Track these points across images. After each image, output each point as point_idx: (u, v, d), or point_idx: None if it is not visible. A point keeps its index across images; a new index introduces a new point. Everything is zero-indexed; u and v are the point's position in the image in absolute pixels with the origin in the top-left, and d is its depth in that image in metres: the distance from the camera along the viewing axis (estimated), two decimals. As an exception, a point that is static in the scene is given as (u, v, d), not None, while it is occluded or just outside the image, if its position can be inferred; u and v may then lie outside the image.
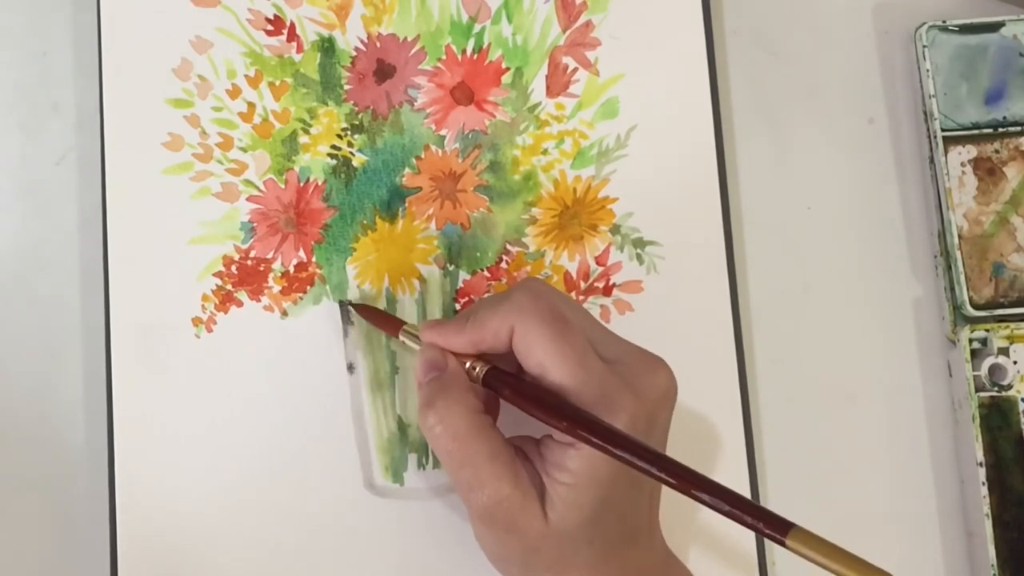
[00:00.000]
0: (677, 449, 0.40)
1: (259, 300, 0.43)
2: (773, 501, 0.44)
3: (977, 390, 0.43)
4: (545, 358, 0.35)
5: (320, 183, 0.44)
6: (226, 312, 0.43)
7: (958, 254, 0.44)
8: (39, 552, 0.43)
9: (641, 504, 0.37)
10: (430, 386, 0.36)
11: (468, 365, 0.37)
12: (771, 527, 0.29)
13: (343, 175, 0.44)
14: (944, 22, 0.46)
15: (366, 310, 0.42)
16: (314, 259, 0.44)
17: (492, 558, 0.38)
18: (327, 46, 0.45)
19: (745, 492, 0.42)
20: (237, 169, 0.44)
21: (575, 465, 0.34)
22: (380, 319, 0.42)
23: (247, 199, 0.44)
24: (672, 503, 0.38)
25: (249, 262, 0.44)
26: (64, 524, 0.43)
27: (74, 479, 0.43)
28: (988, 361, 0.44)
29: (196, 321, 0.43)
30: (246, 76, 0.44)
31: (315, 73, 0.45)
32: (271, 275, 0.44)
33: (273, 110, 0.44)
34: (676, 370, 0.43)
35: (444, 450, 0.35)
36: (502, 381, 0.36)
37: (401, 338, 0.40)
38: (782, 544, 0.28)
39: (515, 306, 0.36)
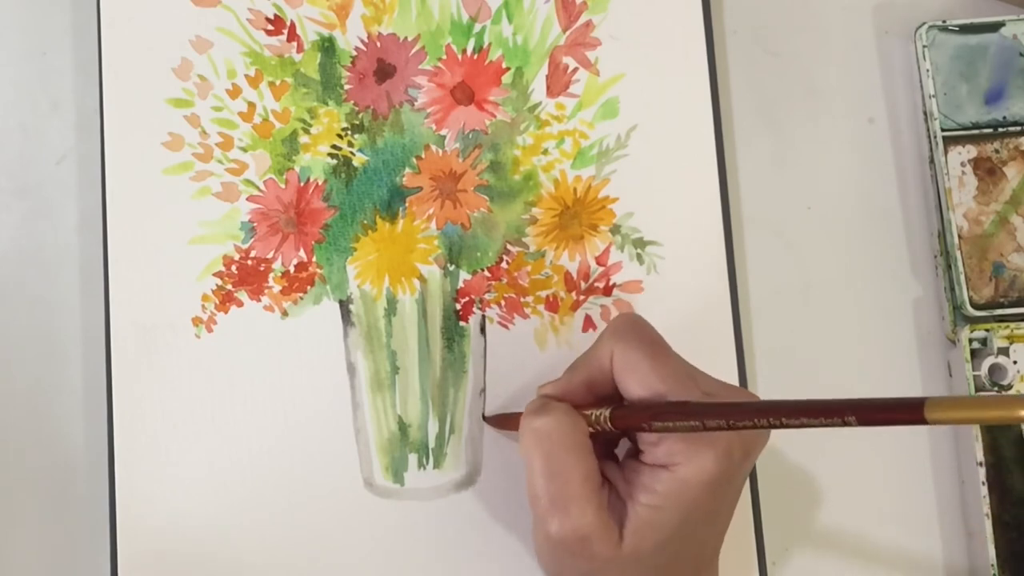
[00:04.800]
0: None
1: (259, 300, 0.43)
2: (774, 501, 0.44)
3: (977, 390, 0.43)
4: (647, 380, 0.35)
5: (320, 183, 0.44)
6: (226, 312, 0.43)
7: (958, 254, 0.44)
8: (39, 552, 0.43)
9: (711, 537, 0.37)
10: (544, 399, 0.36)
11: (593, 417, 0.36)
12: (905, 413, 0.27)
13: (343, 175, 0.44)
14: (944, 22, 0.46)
15: (499, 420, 0.42)
16: (314, 259, 0.44)
17: (547, 571, 0.38)
18: (327, 46, 0.45)
19: (744, 491, 0.42)
20: (237, 169, 0.44)
21: (663, 487, 0.34)
22: (512, 422, 0.41)
23: (247, 199, 0.44)
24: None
25: (249, 262, 0.44)
26: (64, 524, 0.43)
27: (74, 479, 0.43)
28: (988, 361, 0.44)
29: (196, 321, 0.43)
30: (246, 76, 0.44)
31: (315, 73, 0.45)
32: (271, 275, 0.43)
33: (273, 110, 0.44)
34: (676, 370, 0.43)
35: (544, 453, 0.35)
36: (631, 411, 0.35)
37: None
38: (923, 422, 0.27)
39: (613, 332, 0.36)
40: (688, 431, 0.33)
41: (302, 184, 0.44)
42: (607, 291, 0.44)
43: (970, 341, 0.43)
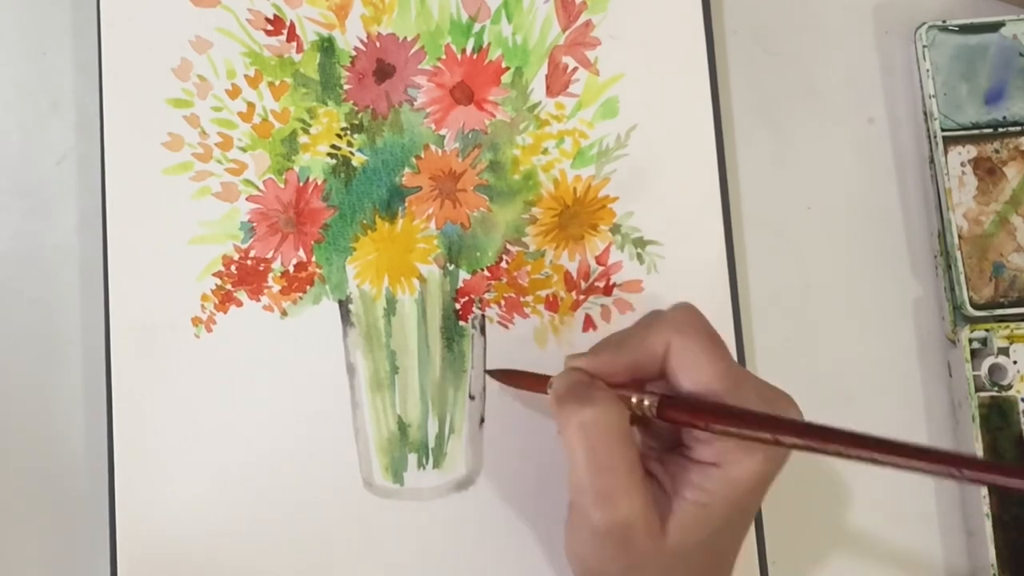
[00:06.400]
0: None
1: (259, 300, 0.43)
2: (774, 501, 0.44)
3: (977, 390, 0.43)
4: (706, 377, 0.34)
5: (320, 183, 0.44)
6: (226, 312, 0.43)
7: (958, 254, 0.44)
8: (39, 552, 0.43)
9: (740, 536, 0.37)
10: (581, 386, 0.35)
11: (635, 400, 0.35)
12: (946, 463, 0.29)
13: (343, 175, 0.44)
14: (944, 22, 0.46)
15: (507, 375, 0.41)
16: (314, 259, 0.44)
17: (581, 568, 0.36)
18: (327, 46, 0.45)
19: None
20: (237, 169, 0.44)
21: (713, 486, 0.34)
22: (522, 380, 0.40)
23: (247, 199, 0.44)
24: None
25: (249, 262, 0.44)
26: (64, 524, 0.43)
27: (74, 479, 0.43)
28: (988, 361, 0.44)
29: (196, 321, 0.43)
30: (246, 76, 0.44)
31: (315, 73, 0.45)
32: (271, 275, 0.44)
33: (273, 110, 0.44)
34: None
35: (589, 448, 0.34)
36: (682, 407, 0.35)
37: (550, 392, 0.37)
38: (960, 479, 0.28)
39: (671, 323, 0.35)
40: (752, 440, 0.33)
41: (301, 184, 0.44)
42: (607, 291, 0.44)
43: (970, 341, 0.43)
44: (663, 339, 0.35)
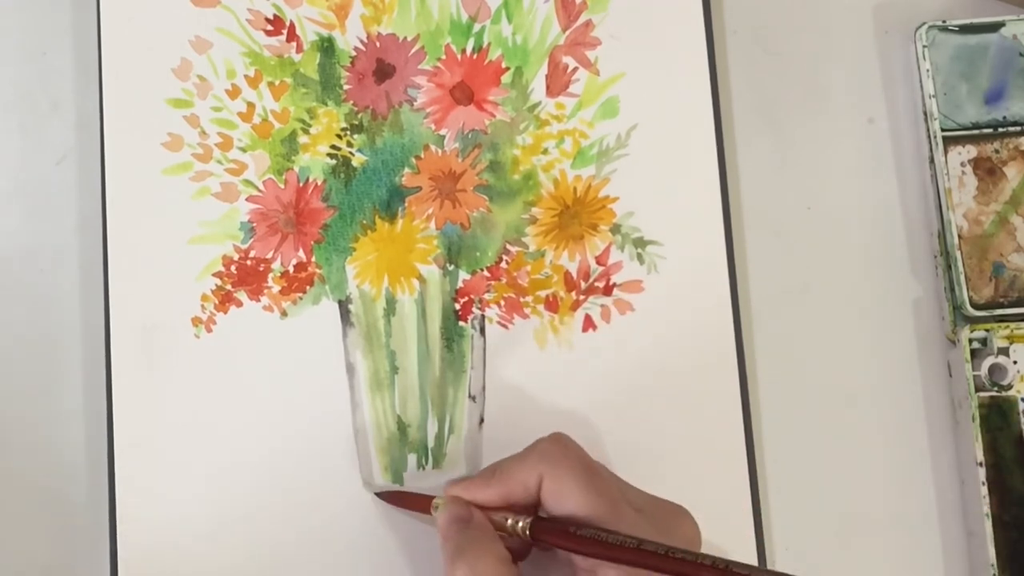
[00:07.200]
0: (677, 449, 0.40)
1: (258, 300, 0.43)
2: (773, 501, 0.44)
3: (977, 390, 0.43)
4: (578, 505, 0.35)
5: (320, 183, 0.44)
6: (225, 312, 0.43)
7: (958, 254, 0.44)
8: (39, 552, 0.43)
9: None
10: (459, 535, 0.36)
11: (509, 522, 0.36)
12: None
13: (343, 175, 0.44)
14: (944, 22, 0.46)
15: (394, 496, 0.42)
16: (314, 259, 0.44)
17: None
18: (327, 46, 0.45)
19: (745, 492, 0.42)
20: (237, 169, 0.44)
21: None
22: (409, 501, 0.41)
23: (247, 199, 0.44)
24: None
25: (248, 262, 0.44)
26: (64, 524, 0.43)
27: (74, 480, 0.43)
28: (988, 361, 0.44)
29: (196, 321, 0.43)
30: (246, 76, 0.44)
31: (315, 73, 0.45)
32: (270, 275, 0.44)
33: (273, 110, 0.44)
34: (676, 371, 0.44)
35: None
36: (551, 530, 0.36)
37: (434, 513, 0.38)
38: None
39: (543, 456, 0.36)
40: (610, 561, 0.34)
41: (301, 184, 0.44)
42: (607, 291, 0.44)
43: (970, 341, 0.43)
44: (536, 471, 0.36)
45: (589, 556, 0.35)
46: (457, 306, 0.44)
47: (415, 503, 0.41)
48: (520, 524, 0.36)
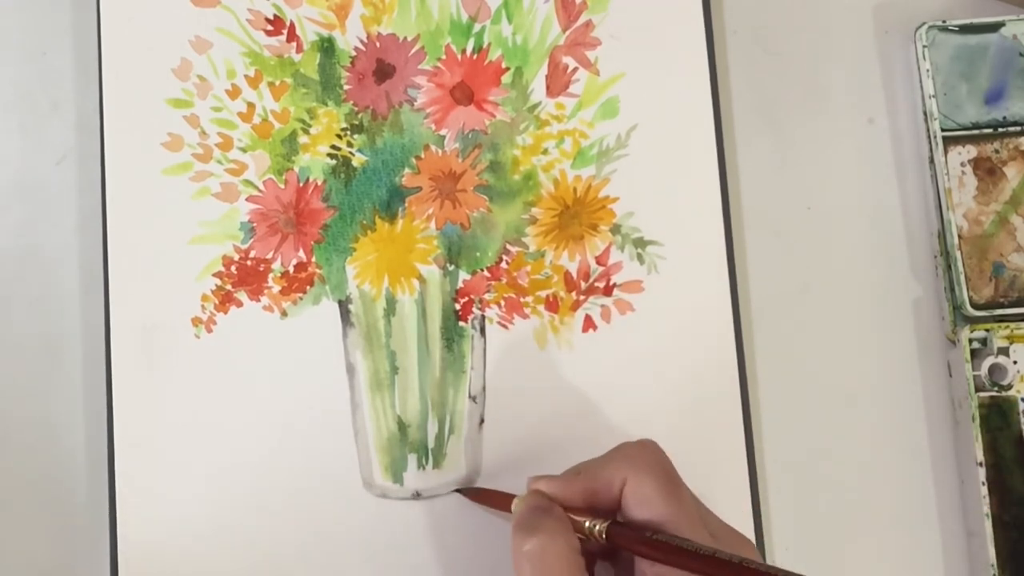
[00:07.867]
0: (677, 450, 0.40)
1: (259, 300, 0.43)
2: (774, 501, 0.44)
3: (977, 390, 0.43)
4: (658, 512, 0.35)
5: (320, 183, 0.44)
6: (226, 312, 0.43)
7: (958, 254, 0.44)
8: (39, 552, 0.43)
9: None
10: (535, 519, 0.36)
11: (587, 524, 0.36)
12: None
13: (343, 175, 0.44)
14: (944, 22, 0.46)
15: (475, 493, 0.42)
16: (314, 259, 0.44)
17: None
18: (327, 46, 0.45)
19: (745, 492, 0.42)
20: (237, 169, 0.44)
21: None
22: (490, 498, 0.41)
23: (247, 199, 0.44)
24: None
25: (249, 262, 0.44)
26: (64, 524, 0.43)
27: (74, 479, 0.43)
28: (988, 361, 0.44)
29: (196, 321, 0.43)
30: (246, 76, 0.44)
31: (315, 73, 0.45)
32: (271, 275, 0.44)
33: (273, 110, 0.44)
34: (676, 370, 0.44)
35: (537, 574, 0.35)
36: (627, 533, 0.35)
37: (514, 509, 0.38)
38: None
39: (629, 459, 0.36)
40: (683, 568, 0.33)
41: (301, 184, 0.44)
42: (607, 291, 0.44)
43: (970, 341, 0.43)
44: (620, 474, 0.36)
45: (663, 563, 0.34)
46: (457, 306, 0.44)
47: (496, 500, 0.40)
48: (597, 527, 0.36)
